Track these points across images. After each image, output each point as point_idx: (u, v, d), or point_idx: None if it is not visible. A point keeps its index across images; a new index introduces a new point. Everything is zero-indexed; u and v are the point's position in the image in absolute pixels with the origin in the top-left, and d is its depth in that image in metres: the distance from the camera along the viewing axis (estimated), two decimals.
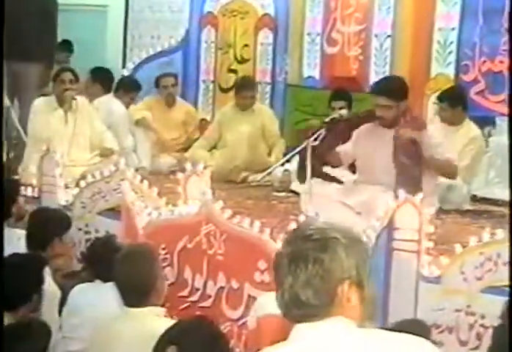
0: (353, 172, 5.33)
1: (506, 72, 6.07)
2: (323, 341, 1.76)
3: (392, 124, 5.00)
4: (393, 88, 5.07)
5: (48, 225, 4.62)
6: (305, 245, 1.78)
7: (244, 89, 7.18)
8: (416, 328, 3.50)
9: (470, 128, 6.03)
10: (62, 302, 4.21)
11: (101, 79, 7.52)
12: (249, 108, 7.18)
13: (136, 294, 3.52)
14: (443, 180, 5.57)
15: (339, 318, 1.77)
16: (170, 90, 7.52)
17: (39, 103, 6.65)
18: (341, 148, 5.33)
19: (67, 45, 9.09)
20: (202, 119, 8.02)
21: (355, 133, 5.24)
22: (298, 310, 1.78)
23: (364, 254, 1.83)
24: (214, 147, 7.31)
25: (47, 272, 4.05)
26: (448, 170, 5.15)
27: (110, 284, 3.77)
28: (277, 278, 1.81)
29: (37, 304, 3.76)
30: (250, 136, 7.02)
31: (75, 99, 6.54)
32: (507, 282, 3.59)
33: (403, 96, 5.04)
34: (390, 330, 3.25)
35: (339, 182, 5.20)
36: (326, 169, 5.26)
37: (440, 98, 6.14)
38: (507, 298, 3.35)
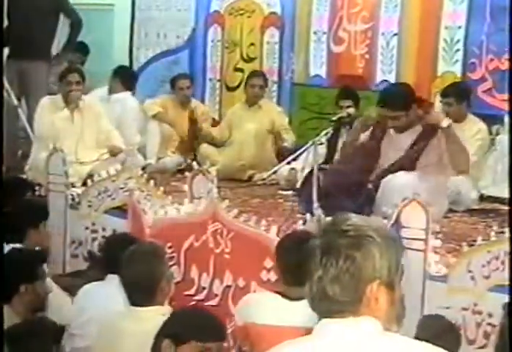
0: None
1: None
2: (347, 339, 1.74)
3: (406, 128, 5.00)
4: (399, 99, 5.03)
5: (22, 216, 4.58)
6: (339, 240, 1.75)
7: (254, 76, 7.28)
8: (442, 324, 3.52)
9: (474, 123, 6.03)
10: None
11: (122, 77, 7.56)
12: (258, 100, 7.19)
13: (141, 293, 3.52)
14: (452, 185, 5.59)
15: (366, 318, 1.75)
16: (185, 92, 7.53)
17: (45, 101, 6.67)
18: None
19: (81, 47, 9.10)
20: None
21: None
22: (325, 305, 1.76)
23: (398, 256, 1.80)
24: (223, 145, 7.32)
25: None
26: (463, 159, 5.05)
27: (117, 283, 3.77)
28: (307, 269, 1.79)
29: (29, 296, 3.81)
30: (257, 134, 7.03)
31: (81, 100, 6.57)
32: None
33: (410, 104, 5.00)
34: (418, 326, 3.28)
35: None
36: None
37: (444, 94, 6.13)
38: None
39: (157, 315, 3.40)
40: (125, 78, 7.63)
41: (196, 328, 2.92)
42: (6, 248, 4.35)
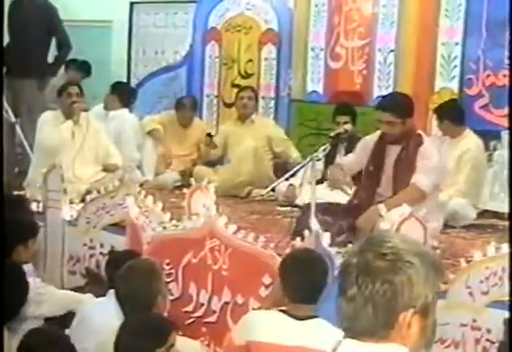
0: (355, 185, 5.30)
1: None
2: None
3: (397, 141, 4.97)
4: (399, 104, 5.00)
5: (11, 232, 4.51)
6: (377, 262, 1.69)
7: (242, 90, 7.40)
8: None
9: (468, 140, 6.05)
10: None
11: (120, 93, 7.57)
12: (249, 114, 7.23)
13: (136, 308, 3.51)
14: (451, 202, 5.60)
15: (394, 346, 1.69)
16: (185, 113, 7.57)
17: (46, 116, 6.67)
18: (344, 160, 5.35)
19: (84, 66, 9.10)
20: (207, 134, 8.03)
21: (358, 146, 5.24)
22: (354, 324, 1.70)
23: (438, 282, 1.74)
24: (218, 163, 7.33)
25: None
26: (411, 196, 4.80)
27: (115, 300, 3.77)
28: (341, 285, 1.73)
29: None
30: (254, 150, 7.03)
31: (85, 110, 6.57)
32: None
33: (409, 113, 4.98)
34: None
35: None
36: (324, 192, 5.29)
37: (435, 112, 6.19)
38: None
39: None
40: (123, 94, 7.64)
41: None
42: None
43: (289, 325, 3.44)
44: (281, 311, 3.51)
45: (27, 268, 4.52)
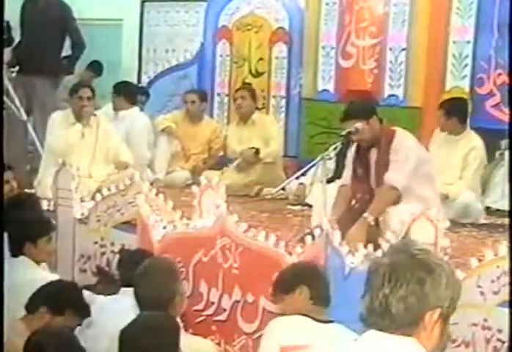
0: None
1: None
2: None
3: (373, 143, 4.90)
4: (354, 109, 5.00)
5: (21, 230, 4.56)
6: (410, 261, 1.80)
7: (238, 90, 7.42)
8: None
9: (470, 138, 6.06)
10: None
11: (125, 92, 7.57)
12: (246, 114, 7.21)
13: (154, 307, 3.52)
14: (460, 197, 5.59)
15: (414, 342, 1.78)
16: (189, 106, 7.55)
17: (56, 116, 6.69)
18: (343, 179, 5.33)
19: (96, 66, 9.12)
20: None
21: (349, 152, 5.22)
22: (382, 320, 1.79)
23: (459, 291, 1.84)
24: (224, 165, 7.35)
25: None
26: (385, 196, 4.78)
27: (130, 297, 3.77)
28: (369, 283, 1.82)
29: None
30: (258, 151, 7.05)
31: (94, 115, 6.60)
32: None
33: (368, 113, 4.90)
34: None
35: None
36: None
37: (443, 108, 6.17)
38: None
39: None
40: (129, 93, 7.63)
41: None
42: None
43: (315, 328, 3.53)
44: (302, 315, 3.57)
45: (42, 267, 4.50)
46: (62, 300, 3.72)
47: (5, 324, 3.50)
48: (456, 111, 6.10)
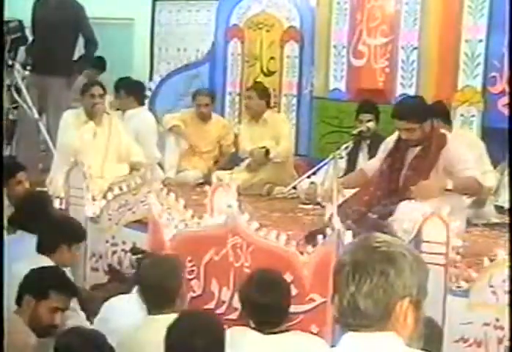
0: None
1: None
2: None
3: (418, 143, 4.96)
4: (412, 111, 4.96)
5: (57, 231, 4.68)
6: (372, 256, 1.79)
7: (246, 90, 7.42)
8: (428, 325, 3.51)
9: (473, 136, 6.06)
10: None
11: (134, 92, 7.57)
12: (256, 115, 7.18)
13: (161, 300, 3.53)
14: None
15: (391, 334, 1.78)
16: (202, 109, 7.55)
17: (68, 115, 6.70)
18: (368, 165, 5.33)
19: (99, 62, 9.13)
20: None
21: (380, 149, 5.22)
22: (354, 319, 1.79)
23: (426, 276, 1.84)
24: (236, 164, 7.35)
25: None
26: (470, 189, 4.92)
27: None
28: (335, 284, 1.82)
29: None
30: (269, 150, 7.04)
31: (107, 113, 6.61)
32: None
33: (424, 117, 4.93)
34: None
35: None
36: None
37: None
38: None
39: None
40: (137, 93, 7.63)
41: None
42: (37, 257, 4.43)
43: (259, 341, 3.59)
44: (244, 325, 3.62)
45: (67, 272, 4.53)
46: (43, 283, 3.77)
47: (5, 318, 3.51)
48: (441, 113, 6.04)
